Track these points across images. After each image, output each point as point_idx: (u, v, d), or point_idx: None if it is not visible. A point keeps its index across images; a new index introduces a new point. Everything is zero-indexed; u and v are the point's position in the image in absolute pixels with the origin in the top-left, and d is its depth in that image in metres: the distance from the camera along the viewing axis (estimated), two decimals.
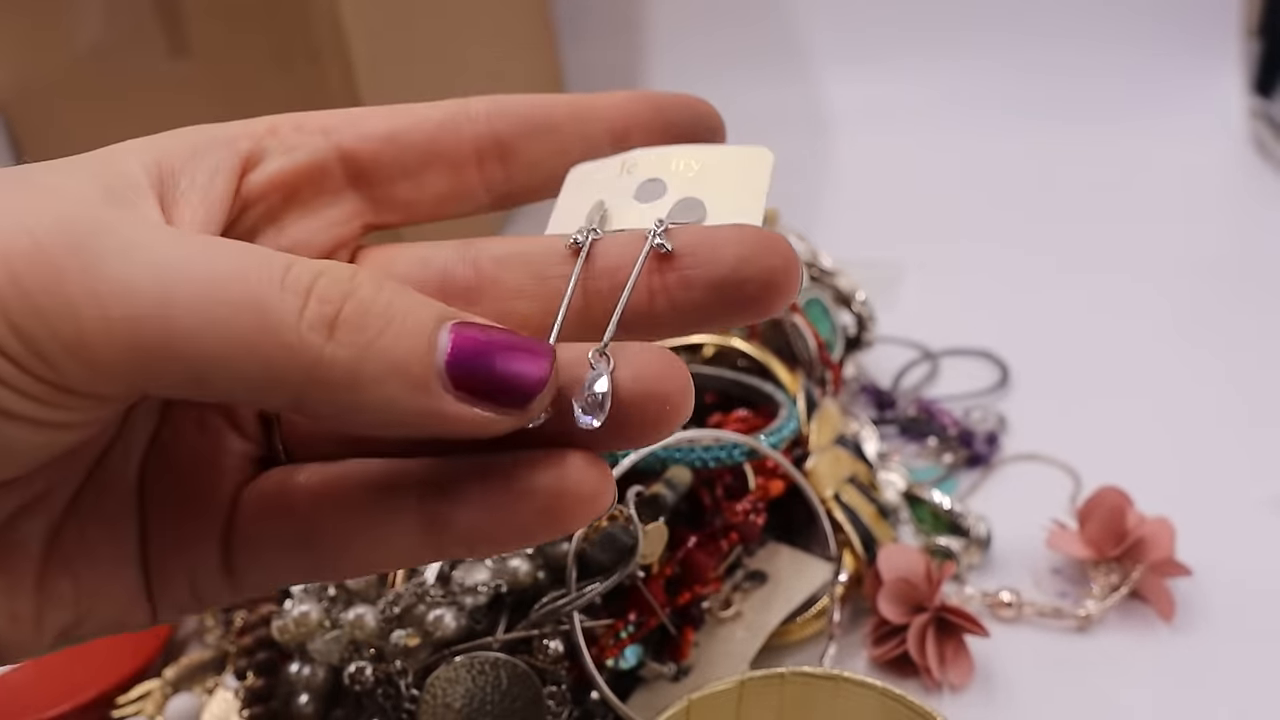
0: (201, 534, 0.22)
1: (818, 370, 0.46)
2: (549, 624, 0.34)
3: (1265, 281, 0.61)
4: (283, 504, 0.22)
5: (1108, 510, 0.41)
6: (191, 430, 0.22)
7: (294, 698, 0.36)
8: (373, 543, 0.21)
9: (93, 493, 0.22)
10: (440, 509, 0.20)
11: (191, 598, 0.22)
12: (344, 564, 0.22)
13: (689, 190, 0.22)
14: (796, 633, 0.39)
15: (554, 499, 0.19)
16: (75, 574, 0.21)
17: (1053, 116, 0.82)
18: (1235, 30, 0.80)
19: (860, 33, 0.89)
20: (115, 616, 0.22)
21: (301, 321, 0.17)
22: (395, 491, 0.21)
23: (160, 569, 0.22)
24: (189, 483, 0.22)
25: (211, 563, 0.22)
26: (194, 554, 0.22)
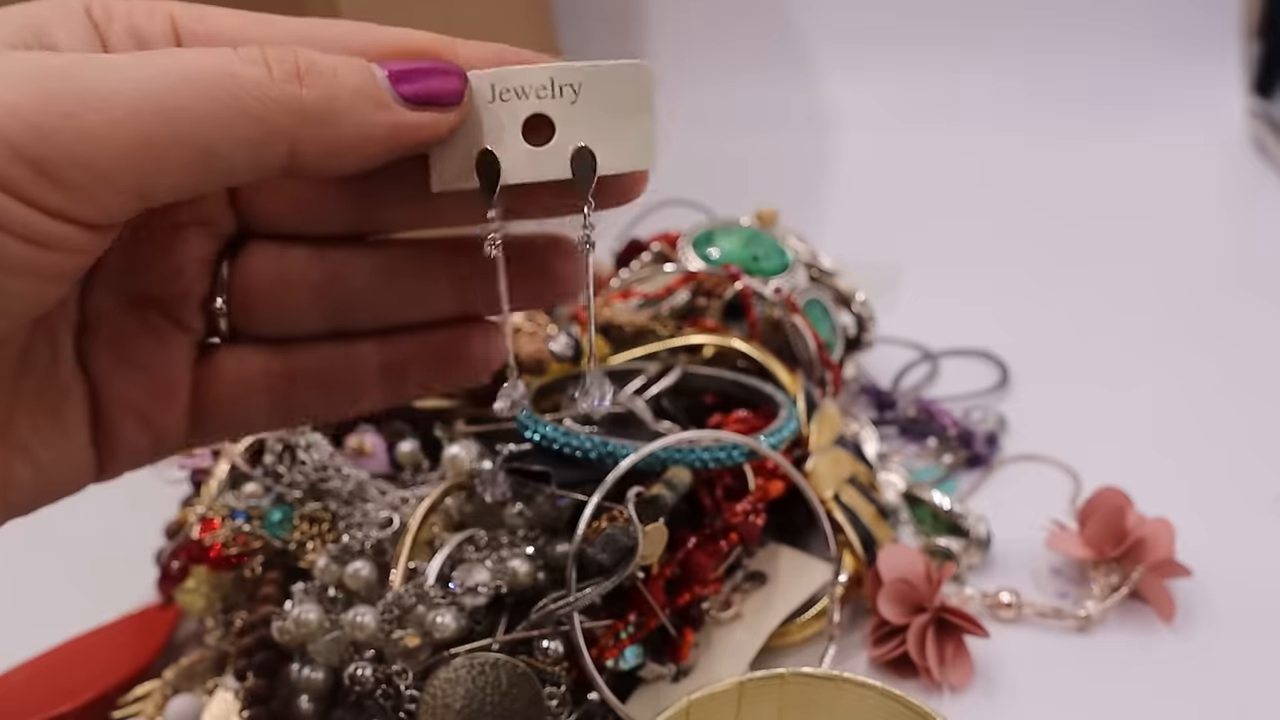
0: (169, 411, 0.25)
1: (818, 371, 0.46)
2: (549, 625, 0.34)
3: (1265, 281, 0.61)
4: (250, 382, 0.26)
5: (1108, 510, 0.41)
6: (134, 328, 0.25)
7: (294, 699, 0.36)
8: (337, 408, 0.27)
9: (29, 384, 0.24)
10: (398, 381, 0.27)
11: (151, 455, 0.26)
12: (306, 419, 0.28)
13: (575, 131, 0.23)
14: (796, 633, 0.39)
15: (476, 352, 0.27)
16: (32, 457, 0.24)
17: (1053, 116, 0.82)
18: (1235, 30, 0.80)
19: (861, 33, 0.89)
20: (64, 487, 0.25)
21: (274, 79, 0.20)
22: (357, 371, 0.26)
23: (123, 441, 0.25)
24: (148, 371, 0.25)
25: (178, 430, 0.26)
26: (161, 426, 0.25)
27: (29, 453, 0.23)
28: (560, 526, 0.37)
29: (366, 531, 0.37)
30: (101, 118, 0.19)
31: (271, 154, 0.21)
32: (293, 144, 0.21)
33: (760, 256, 0.50)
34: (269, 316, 0.26)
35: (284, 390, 0.26)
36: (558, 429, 0.37)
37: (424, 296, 0.26)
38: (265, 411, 0.26)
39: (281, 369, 0.26)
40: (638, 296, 0.49)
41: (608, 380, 0.24)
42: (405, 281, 0.26)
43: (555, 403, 0.44)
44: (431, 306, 0.27)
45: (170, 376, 0.25)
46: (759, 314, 0.47)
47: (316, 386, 0.26)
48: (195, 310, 0.26)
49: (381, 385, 0.27)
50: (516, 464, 0.37)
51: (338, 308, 0.26)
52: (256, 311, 0.26)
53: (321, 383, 0.26)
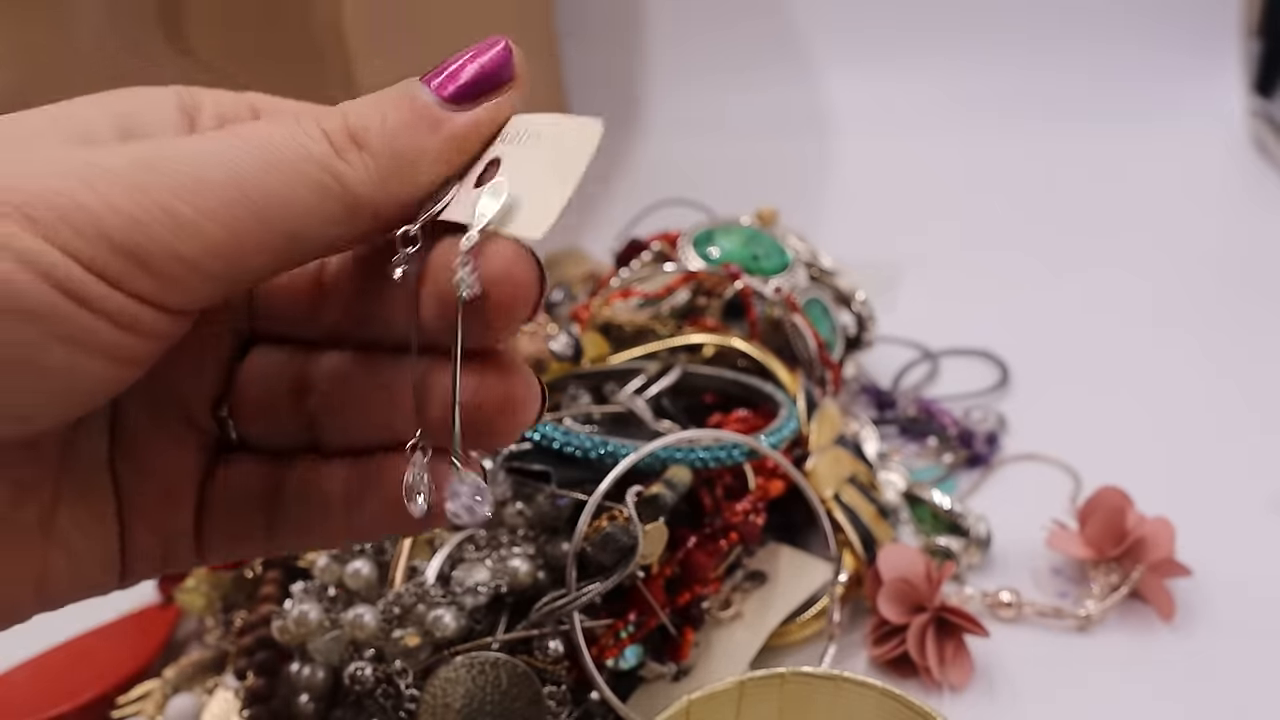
0: (175, 521, 0.25)
1: (818, 370, 0.46)
2: (549, 624, 0.34)
3: (1265, 281, 0.61)
4: (251, 496, 0.25)
5: (1108, 510, 0.41)
6: (148, 429, 0.25)
7: (294, 698, 0.36)
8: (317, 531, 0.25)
9: (71, 481, 0.23)
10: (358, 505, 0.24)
11: (162, 565, 0.25)
12: (296, 545, 0.26)
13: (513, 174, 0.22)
14: (796, 633, 0.39)
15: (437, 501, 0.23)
16: (70, 553, 0.23)
17: (1053, 116, 0.82)
18: (1235, 30, 0.80)
19: (860, 33, 0.89)
20: (94, 583, 0.24)
21: (338, 151, 0.21)
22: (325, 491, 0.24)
23: (136, 547, 0.25)
24: (158, 476, 0.25)
25: (184, 538, 0.25)
26: (168, 530, 0.25)
27: (67, 545, 0.23)
28: (560, 526, 0.37)
29: None
30: (194, 210, 0.19)
31: (358, 224, 0.21)
32: (374, 210, 0.21)
33: (760, 256, 0.50)
34: (259, 424, 0.25)
35: (273, 506, 0.25)
36: (557, 428, 0.37)
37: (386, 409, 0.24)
38: (261, 529, 0.25)
39: (272, 483, 0.25)
40: (638, 296, 0.49)
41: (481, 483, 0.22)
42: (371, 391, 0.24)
43: (555, 402, 0.44)
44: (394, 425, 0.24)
45: (176, 481, 0.25)
46: (759, 313, 0.47)
47: (297, 507, 0.25)
48: (206, 412, 0.25)
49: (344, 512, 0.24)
50: (516, 463, 0.37)
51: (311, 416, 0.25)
52: (245, 413, 0.25)
53: (300, 504, 0.25)
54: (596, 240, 0.70)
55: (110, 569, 0.24)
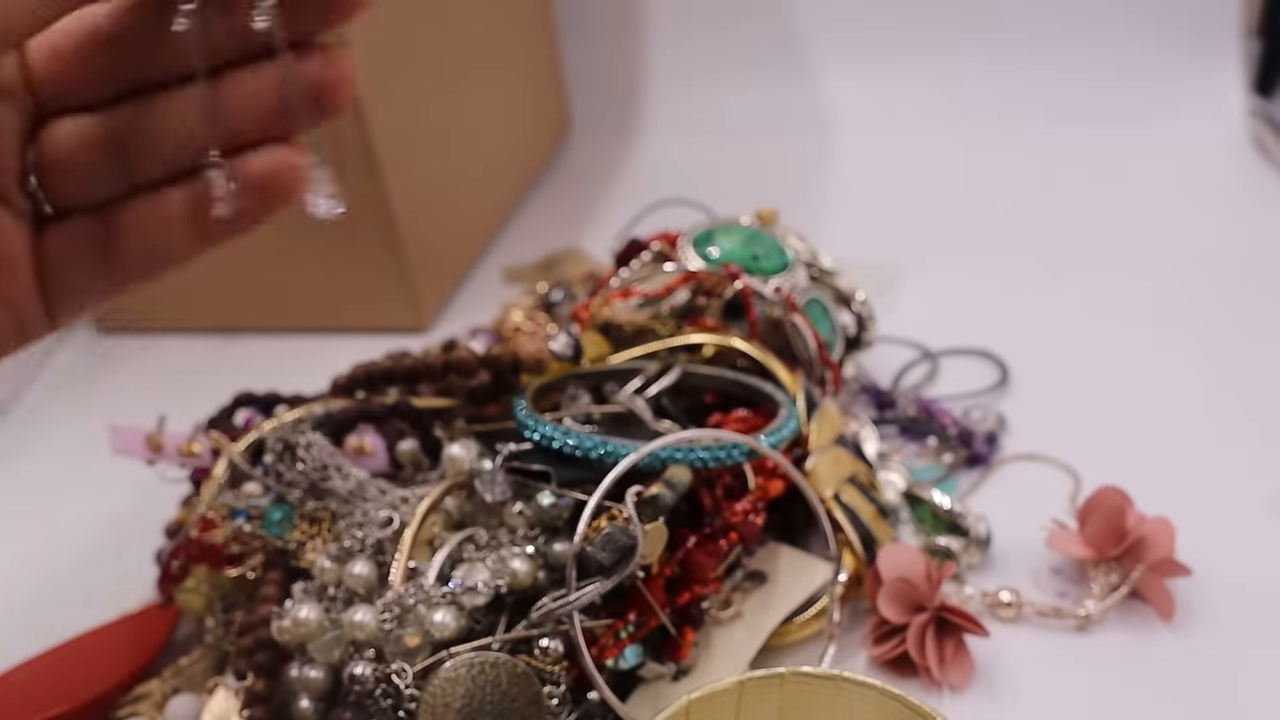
0: (16, 287, 0.28)
1: (817, 370, 0.46)
2: (549, 624, 0.34)
3: (1265, 281, 0.61)
4: (81, 250, 0.28)
5: (1108, 510, 0.41)
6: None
7: (294, 698, 0.36)
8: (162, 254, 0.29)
9: None
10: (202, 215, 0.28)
11: (17, 333, 0.28)
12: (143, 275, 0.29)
13: None
14: (796, 633, 0.39)
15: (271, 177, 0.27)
16: None
17: (1053, 116, 0.82)
18: (1235, 30, 0.80)
19: (860, 33, 0.89)
20: None
21: None
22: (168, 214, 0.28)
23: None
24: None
25: (34, 308, 0.28)
26: (14, 303, 0.28)
27: None
28: (560, 526, 0.37)
29: (366, 531, 0.37)
30: None
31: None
32: None
33: (760, 256, 0.50)
34: (74, 187, 0.28)
35: (112, 248, 0.28)
36: (558, 428, 0.37)
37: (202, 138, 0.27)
38: (100, 276, 0.29)
39: (105, 230, 0.28)
40: (637, 295, 0.49)
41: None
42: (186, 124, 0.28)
43: (555, 402, 0.44)
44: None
45: (4, 251, 0.27)
46: (759, 313, 0.47)
47: (137, 238, 0.28)
48: (15, 186, 0.28)
49: (190, 224, 0.28)
50: (516, 463, 0.38)
51: (124, 166, 0.28)
52: (62, 184, 0.28)
53: (140, 233, 0.28)
54: (596, 240, 0.70)
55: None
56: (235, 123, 0.27)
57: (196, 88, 0.27)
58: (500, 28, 0.76)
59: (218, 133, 0.27)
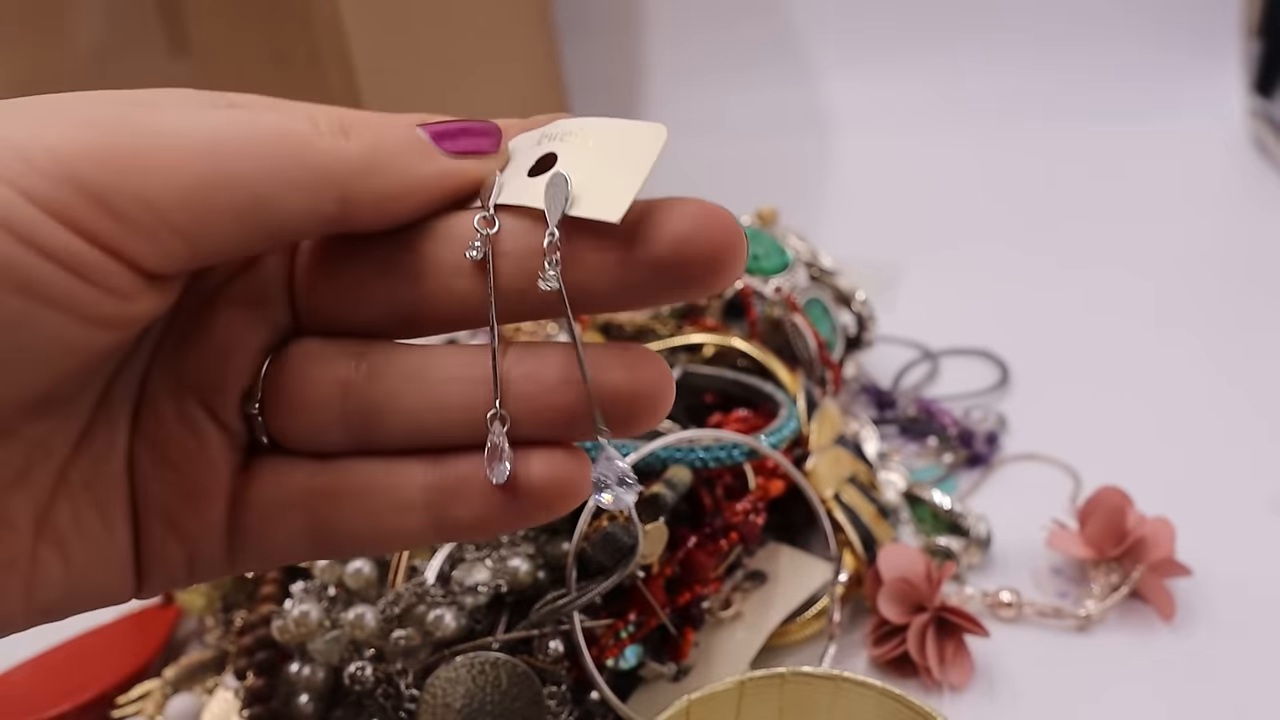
0: (202, 522, 0.23)
1: (818, 370, 0.46)
2: (549, 624, 0.34)
3: (1265, 281, 0.61)
4: (289, 499, 0.23)
5: (1108, 510, 0.41)
6: (172, 420, 0.23)
7: (294, 698, 0.36)
8: (381, 536, 0.23)
9: (80, 470, 0.22)
10: (444, 506, 0.22)
11: (187, 575, 0.24)
12: (349, 551, 0.24)
13: (572, 165, 0.22)
14: (796, 633, 0.39)
15: (545, 490, 0.22)
16: (66, 554, 0.22)
17: (1052, 116, 0.82)
18: (1235, 30, 0.80)
19: (860, 33, 0.89)
20: (100, 589, 0.23)
21: (321, 133, 0.21)
22: (400, 492, 0.23)
23: (155, 551, 0.23)
24: (182, 471, 0.23)
25: (214, 548, 0.23)
26: (194, 539, 0.23)
27: (64, 548, 0.22)
28: (560, 525, 0.37)
29: None
30: (165, 157, 0.19)
31: (324, 202, 0.21)
32: (343, 192, 0.21)
33: (760, 255, 0.50)
34: (296, 420, 0.23)
35: (323, 511, 0.23)
36: None
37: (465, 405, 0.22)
38: (304, 535, 0.23)
39: (322, 485, 0.23)
40: None
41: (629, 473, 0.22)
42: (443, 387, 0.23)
43: None
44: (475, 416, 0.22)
45: (202, 478, 0.23)
46: (759, 313, 0.47)
47: (357, 509, 0.23)
48: (233, 408, 0.23)
49: (425, 512, 0.23)
50: None
51: (366, 412, 0.23)
52: (284, 413, 0.23)
53: (362, 504, 0.23)
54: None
55: (120, 574, 0.23)
56: (513, 404, 0.22)
57: (474, 347, 0.22)
58: (500, 28, 0.76)
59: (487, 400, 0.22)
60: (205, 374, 0.23)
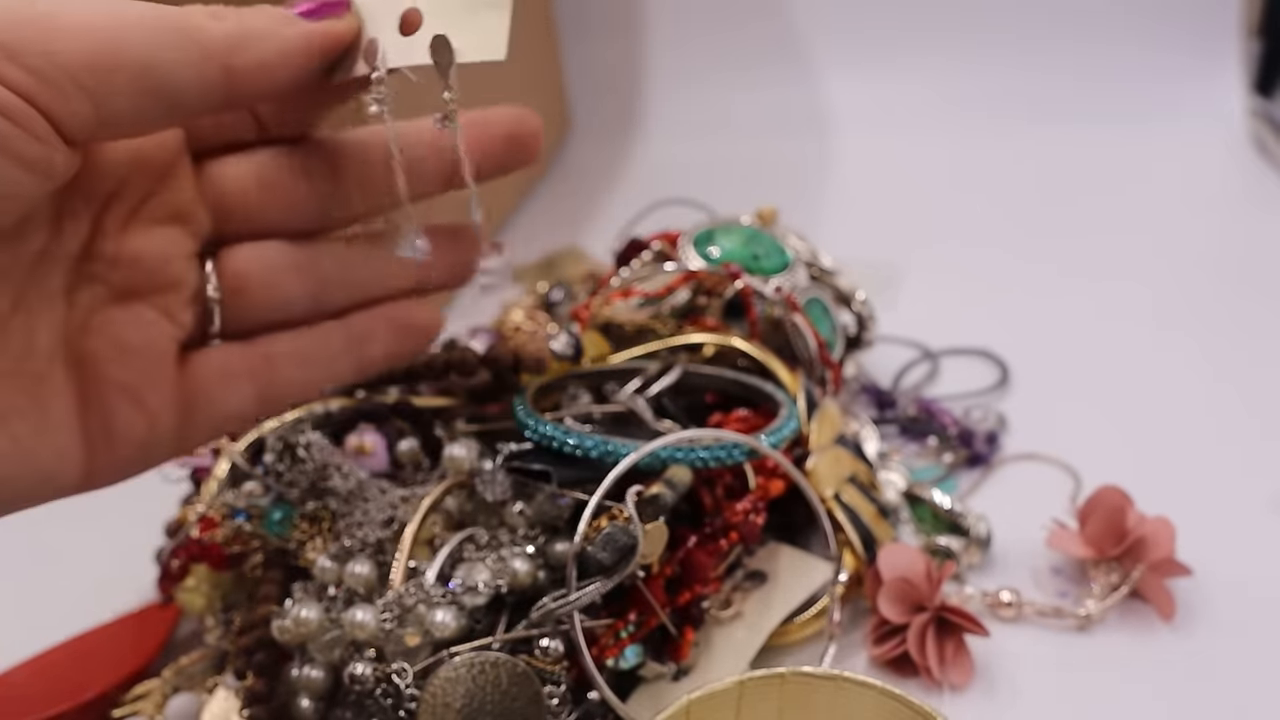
0: (161, 396, 0.28)
1: (818, 370, 0.46)
2: (549, 624, 0.34)
3: (1265, 282, 0.61)
4: (235, 369, 0.30)
5: (1108, 510, 0.41)
6: (126, 320, 0.28)
7: (294, 698, 0.36)
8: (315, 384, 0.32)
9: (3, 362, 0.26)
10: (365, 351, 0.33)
11: (141, 457, 0.29)
12: (289, 404, 0.33)
13: (437, 25, 0.25)
14: (796, 633, 0.39)
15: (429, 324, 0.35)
16: (10, 431, 0.26)
17: (1052, 116, 0.82)
18: (1235, 30, 0.80)
19: (860, 33, 0.89)
20: (50, 468, 0.27)
21: (198, 16, 0.25)
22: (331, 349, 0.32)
23: (120, 435, 0.27)
24: (143, 356, 0.28)
25: (170, 418, 0.29)
26: (154, 411, 0.28)
27: (5, 424, 0.25)
28: (561, 525, 0.37)
29: (366, 530, 0.37)
30: (68, 24, 0.22)
31: (209, 74, 0.25)
32: (225, 61, 0.25)
33: (760, 255, 0.50)
34: (262, 306, 0.30)
35: (265, 374, 0.30)
36: (558, 428, 0.37)
37: (382, 273, 0.32)
38: (250, 398, 0.30)
39: (261, 354, 0.30)
40: (638, 295, 0.49)
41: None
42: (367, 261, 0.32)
43: (555, 402, 0.44)
44: (388, 281, 0.33)
45: (160, 357, 0.28)
46: (759, 313, 0.47)
47: (294, 367, 0.30)
48: (184, 304, 0.29)
49: (348, 357, 0.32)
50: (516, 463, 0.37)
51: (317, 291, 0.31)
52: (249, 302, 0.30)
53: (298, 362, 0.30)
54: (596, 240, 0.70)
55: (68, 454, 0.27)
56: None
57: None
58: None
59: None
60: (150, 280, 0.28)
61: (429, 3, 0.26)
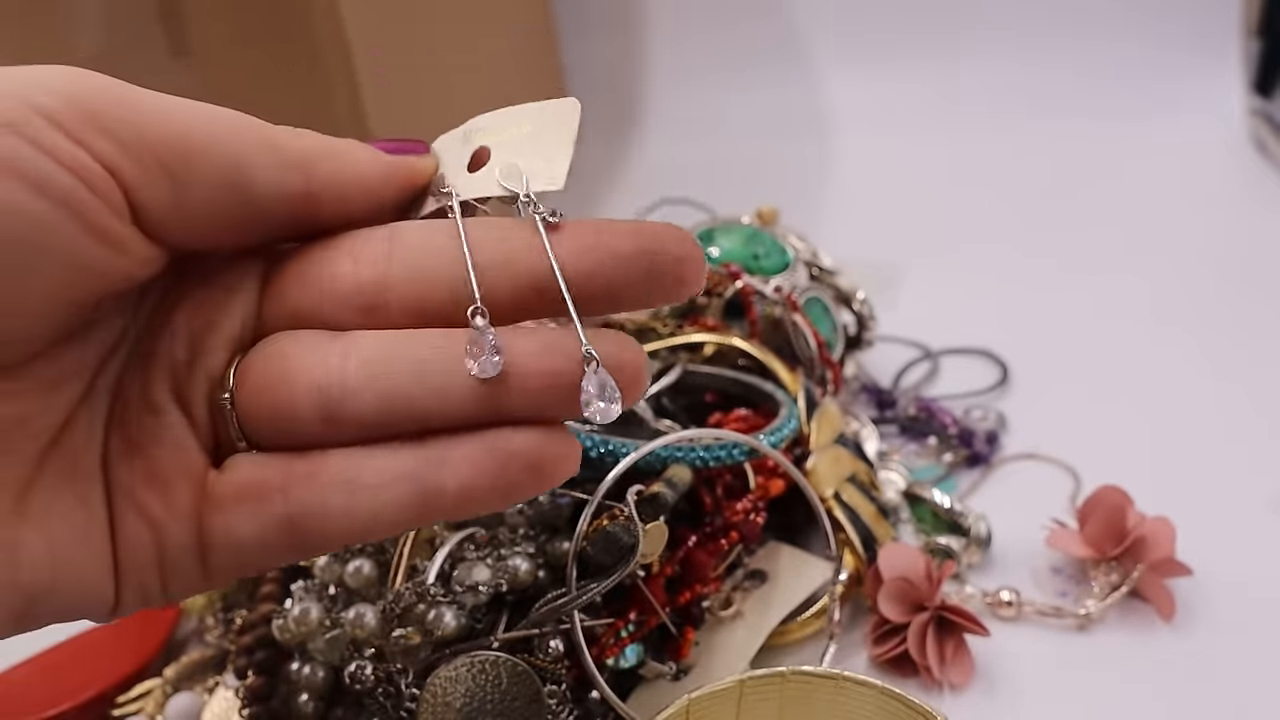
0: (169, 509, 0.23)
1: (818, 369, 0.46)
2: (549, 623, 0.34)
3: (1265, 281, 0.61)
4: (261, 491, 0.23)
5: (1108, 510, 0.41)
6: (138, 404, 0.24)
7: (294, 697, 0.36)
8: (360, 517, 0.23)
9: (60, 456, 0.23)
10: (432, 478, 0.22)
11: (160, 586, 0.23)
12: (325, 540, 0.23)
13: (510, 153, 0.25)
14: (796, 632, 0.39)
15: (538, 456, 0.22)
16: (49, 532, 0.22)
17: (1053, 116, 0.82)
18: (1235, 30, 0.80)
19: (860, 33, 0.89)
20: (81, 594, 0.23)
21: (282, 129, 0.24)
22: (382, 464, 0.23)
23: (128, 553, 0.23)
24: (147, 455, 0.23)
25: (183, 550, 0.23)
26: (161, 526, 0.23)
27: (44, 525, 0.22)
28: (561, 525, 0.37)
29: None
30: (156, 107, 0.22)
31: (289, 182, 0.23)
32: (305, 171, 0.23)
33: (761, 255, 0.50)
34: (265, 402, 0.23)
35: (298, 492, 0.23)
36: None
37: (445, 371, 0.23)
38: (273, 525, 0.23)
39: (304, 472, 0.23)
40: None
41: (610, 384, 0.22)
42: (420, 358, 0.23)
43: None
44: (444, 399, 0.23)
45: (167, 462, 0.23)
46: (759, 312, 0.47)
47: (338, 491, 0.23)
48: (202, 395, 0.24)
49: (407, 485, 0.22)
50: None
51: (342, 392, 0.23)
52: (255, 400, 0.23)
53: (344, 486, 0.23)
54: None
55: (100, 564, 0.23)
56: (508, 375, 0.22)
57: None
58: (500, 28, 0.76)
59: None
60: (174, 357, 0.24)
61: (503, 141, 0.26)
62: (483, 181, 0.25)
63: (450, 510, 0.22)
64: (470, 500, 0.22)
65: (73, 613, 0.23)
